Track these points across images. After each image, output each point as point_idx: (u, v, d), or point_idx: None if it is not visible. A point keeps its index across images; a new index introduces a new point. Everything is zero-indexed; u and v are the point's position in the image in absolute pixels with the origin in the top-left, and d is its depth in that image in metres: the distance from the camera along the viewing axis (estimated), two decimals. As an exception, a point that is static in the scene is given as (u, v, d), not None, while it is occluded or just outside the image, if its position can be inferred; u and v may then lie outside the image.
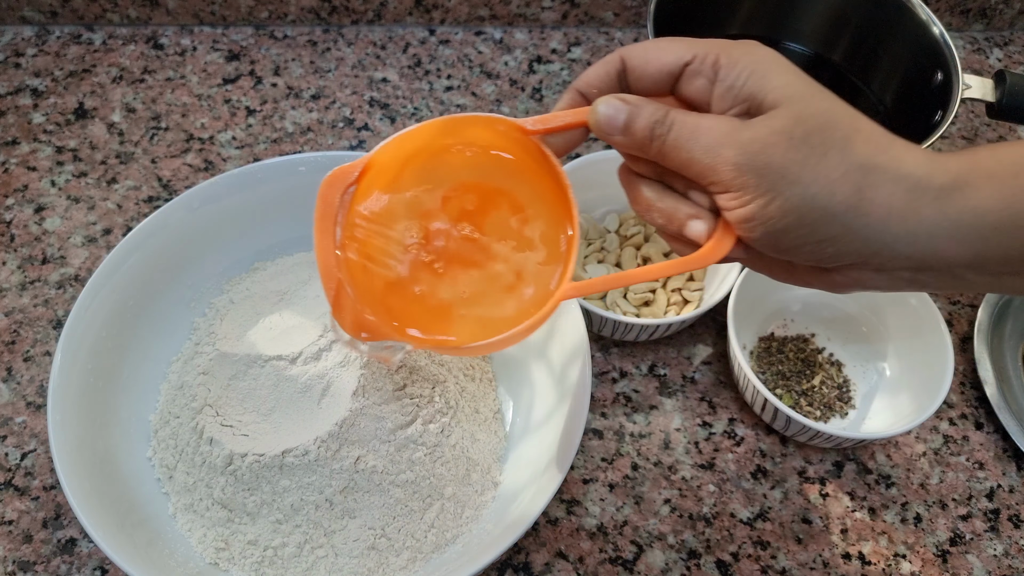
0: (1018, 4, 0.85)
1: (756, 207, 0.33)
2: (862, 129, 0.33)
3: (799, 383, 0.62)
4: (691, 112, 0.34)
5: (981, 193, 0.32)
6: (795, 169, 0.32)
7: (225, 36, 0.79)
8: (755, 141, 0.32)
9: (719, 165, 0.33)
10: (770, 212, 0.32)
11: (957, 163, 0.33)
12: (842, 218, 0.32)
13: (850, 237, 0.33)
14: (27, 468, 0.55)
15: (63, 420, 0.46)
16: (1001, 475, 0.60)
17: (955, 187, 0.32)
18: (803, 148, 0.32)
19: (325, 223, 0.38)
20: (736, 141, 0.33)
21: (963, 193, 0.32)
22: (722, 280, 0.61)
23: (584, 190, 0.66)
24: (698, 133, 0.33)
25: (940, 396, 0.55)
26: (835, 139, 0.32)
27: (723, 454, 0.59)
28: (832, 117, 0.33)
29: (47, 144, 0.71)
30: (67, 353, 0.47)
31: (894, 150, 0.33)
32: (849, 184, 0.32)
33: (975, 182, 0.33)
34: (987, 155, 0.34)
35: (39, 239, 0.65)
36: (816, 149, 0.32)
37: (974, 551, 0.57)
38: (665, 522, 0.56)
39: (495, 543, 0.45)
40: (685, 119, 0.34)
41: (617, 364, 0.63)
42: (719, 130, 0.33)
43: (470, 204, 0.40)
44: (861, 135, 0.33)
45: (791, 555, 0.55)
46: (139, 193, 0.68)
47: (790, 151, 0.32)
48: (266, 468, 0.47)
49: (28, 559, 0.52)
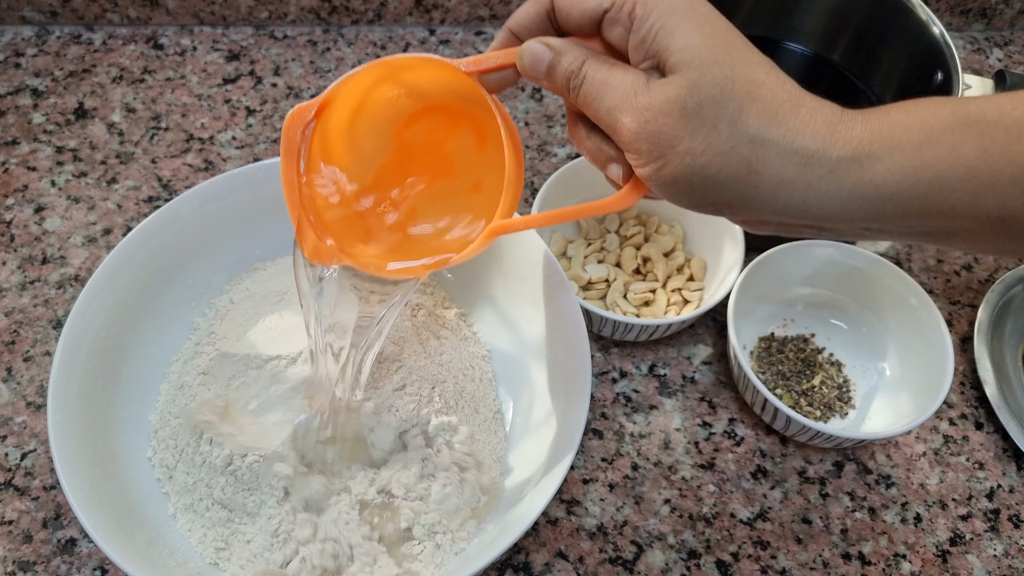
0: (1018, 4, 0.85)
1: (651, 170, 0.34)
2: (760, 98, 0.33)
3: (799, 383, 0.62)
4: (605, 64, 0.35)
5: (881, 165, 0.32)
6: (685, 140, 0.32)
7: (225, 36, 0.79)
8: (649, 109, 0.33)
9: (618, 128, 0.34)
10: (663, 176, 0.34)
11: (864, 128, 0.33)
12: (732, 186, 0.33)
13: (743, 203, 0.34)
14: (27, 468, 0.55)
15: (63, 420, 0.46)
16: (1001, 475, 0.60)
17: (854, 159, 0.32)
18: (694, 120, 0.32)
19: (289, 157, 0.41)
20: (633, 107, 0.33)
21: (861, 165, 0.32)
22: (722, 280, 0.61)
23: (584, 190, 0.66)
24: (604, 91, 0.34)
25: (940, 396, 0.55)
26: (727, 111, 0.32)
27: (723, 454, 0.59)
28: (728, 87, 0.32)
29: (47, 144, 0.71)
30: (67, 353, 0.47)
31: (792, 121, 0.33)
32: (737, 157, 0.32)
33: (877, 153, 0.32)
34: (900, 117, 0.33)
35: (39, 239, 0.65)
36: (706, 121, 0.32)
37: (974, 551, 0.57)
38: (665, 522, 0.56)
39: (495, 543, 0.45)
40: (596, 74, 0.35)
41: (617, 364, 0.63)
42: (622, 91, 0.34)
43: (420, 142, 0.43)
44: (757, 105, 0.32)
45: (791, 555, 0.55)
46: (139, 193, 0.68)
47: (681, 121, 0.32)
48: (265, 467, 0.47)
49: (28, 559, 0.52)
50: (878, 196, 0.33)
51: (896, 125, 0.33)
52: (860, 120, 0.33)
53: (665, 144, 0.33)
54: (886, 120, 0.33)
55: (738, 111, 0.32)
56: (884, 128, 0.33)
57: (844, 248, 0.62)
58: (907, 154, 0.32)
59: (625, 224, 0.67)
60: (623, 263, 0.65)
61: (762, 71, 0.33)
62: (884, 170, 0.32)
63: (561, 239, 0.66)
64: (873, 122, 0.33)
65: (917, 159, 0.32)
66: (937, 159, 0.32)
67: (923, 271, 0.69)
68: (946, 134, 0.32)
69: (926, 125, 0.32)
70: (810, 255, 0.63)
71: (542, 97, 0.77)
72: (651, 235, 0.67)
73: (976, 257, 0.70)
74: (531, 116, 0.75)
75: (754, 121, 0.32)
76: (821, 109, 0.33)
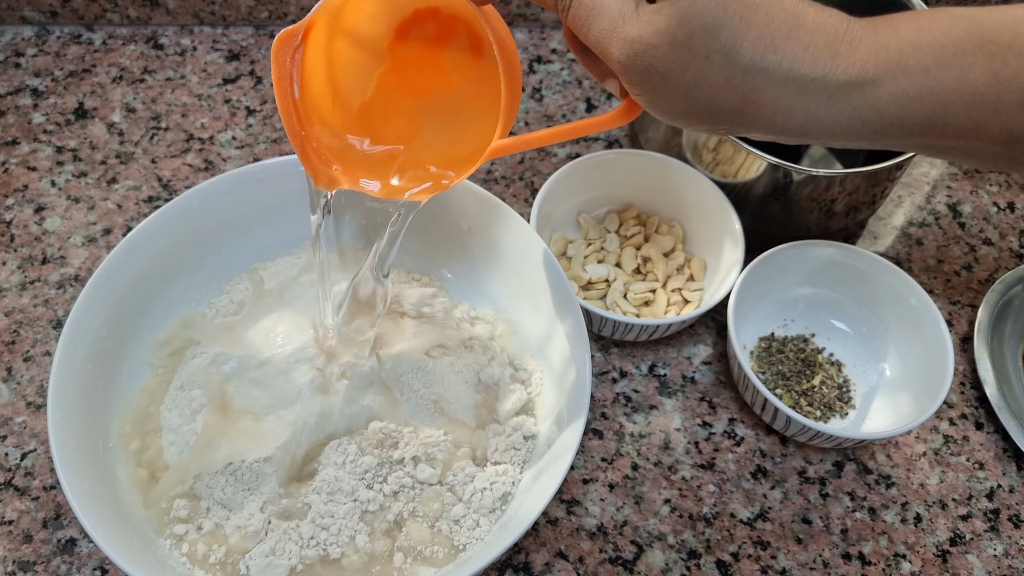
0: (1018, 4, 0.85)
1: (644, 99, 0.33)
2: (755, 24, 0.31)
3: (799, 383, 0.62)
4: None
5: (884, 90, 0.31)
6: (676, 72, 0.31)
7: (225, 36, 0.79)
8: (637, 41, 0.31)
9: (608, 57, 0.32)
10: (658, 105, 0.33)
11: (869, 49, 0.31)
12: (728, 115, 0.32)
13: (739, 125, 0.33)
14: (27, 468, 0.55)
15: (63, 420, 0.46)
16: (1001, 475, 0.60)
17: (855, 83, 0.31)
18: (685, 52, 0.31)
19: (282, 84, 0.40)
20: (622, 37, 0.31)
21: (862, 90, 0.31)
22: (722, 280, 0.61)
23: (584, 190, 0.66)
24: (592, 16, 0.32)
25: (940, 396, 0.55)
26: (720, 42, 0.31)
27: (723, 454, 0.59)
28: (720, 15, 0.30)
29: (47, 144, 0.71)
30: (67, 353, 0.47)
31: (790, 46, 0.31)
32: (732, 89, 0.31)
33: (880, 77, 0.31)
34: (910, 36, 0.31)
35: (39, 239, 0.65)
36: (698, 53, 0.31)
37: (974, 551, 0.57)
38: (665, 522, 0.56)
39: (495, 543, 0.45)
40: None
41: (617, 364, 0.63)
42: (610, 17, 0.32)
43: (414, 56, 0.42)
44: (752, 32, 0.31)
45: (791, 555, 0.55)
46: (139, 193, 0.68)
47: (671, 54, 0.31)
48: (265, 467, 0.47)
49: (28, 559, 0.52)
50: (879, 120, 0.32)
51: (905, 45, 0.31)
52: (866, 37, 0.31)
53: (656, 77, 0.31)
54: (894, 38, 0.31)
55: (731, 40, 0.31)
56: (891, 48, 0.31)
57: (844, 248, 0.62)
58: (912, 79, 0.31)
59: (625, 224, 0.67)
60: (623, 263, 0.65)
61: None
62: (886, 95, 0.31)
63: (561, 239, 0.66)
64: (880, 39, 0.31)
65: (922, 83, 0.31)
66: (943, 84, 0.31)
67: (923, 271, 0.69)
68: (957, 56, 0.31)
69: (937, 45, 0.31)
70: (810, 255, 0.63)
71: (542, 97, 0.77)
72: (651, 235, 0.67)
73: (976, 257, 0.70)
74: (531, 116, 0.75)
75: (748, 50, 0.31)
76: (823, 27, 0.31)
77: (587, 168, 0.64)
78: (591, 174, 0.65)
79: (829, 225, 0.66)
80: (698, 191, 0.63)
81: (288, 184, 0.56)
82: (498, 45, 0.36)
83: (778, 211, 0.64)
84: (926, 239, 0.71)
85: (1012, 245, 0.71)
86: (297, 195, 0.56)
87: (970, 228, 0.72)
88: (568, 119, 0.75)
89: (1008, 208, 0.74)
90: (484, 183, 0.71)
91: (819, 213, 0.64)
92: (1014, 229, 0.73)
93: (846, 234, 0.71)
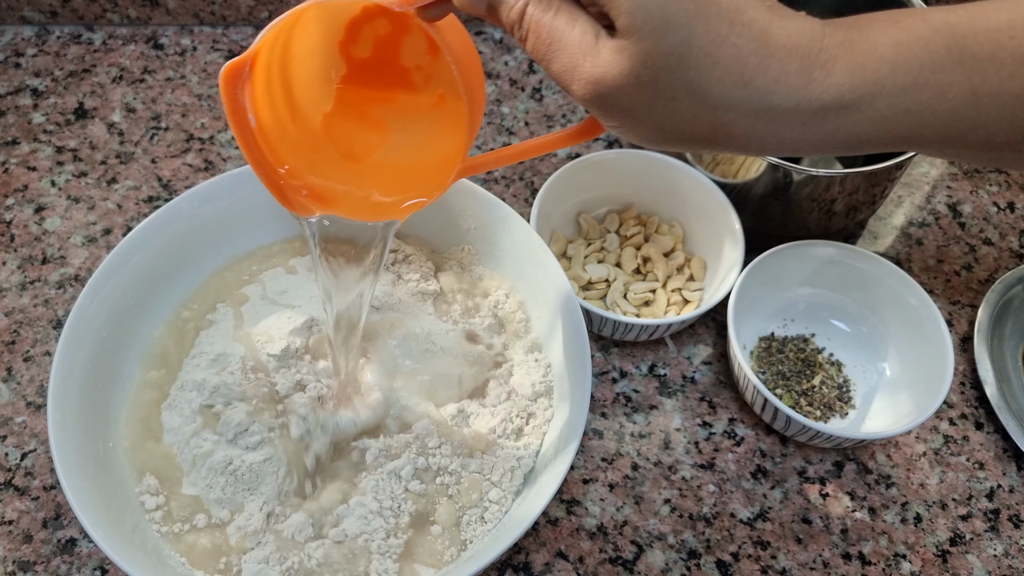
0: (1018, 4, 0.85)
1: (611, 128, 0.33)
2: (721, 59, 0.29)
3: (799, 383, 0.62)
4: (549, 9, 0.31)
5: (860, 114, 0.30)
6: (643, 110, 0.31)
7: (225, 36, 0.79)
8: (601, 83, 0.30)
9: (570, 93, 0.31)
10: (625, 134, 0.32)
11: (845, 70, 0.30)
12: (699, 143, 0.32)
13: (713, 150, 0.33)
14: (27, 468, 0.55)
15: (63, 420, 0.46)
16: (1001, 475, 0.60)
17: (833, 108, 0.30)
18: (650, 92, 0.30)
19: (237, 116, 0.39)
20: (583, 77, 0.30)
21: (837, 115, 0.31)
22: (722, 280, 0.61)
23: (584, 190, 0.66)
24: (551, 51, 0.31)
25: (940, 396, 0.55)
26: (685, 80, 0.30)
27: (723, 454, 0.59)
28: (684, 53, 0.29)
29: (47, 144, 0.71)
30: (67, 353, 0.47)
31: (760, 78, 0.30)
32: (702, 124, 0.31)
33: (857, 101, 0.30)
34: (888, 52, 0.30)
35: (39, 239, 0.65)
36: (664, 93, 0.30)
37: (974, 551, 0.57)
38: (665, 522, 0.56)
39: (495, 543, 0.45)
40: (540, 26, 0.31)
41: (617, 364, 0.63)
42: (570, 52, 0.31)
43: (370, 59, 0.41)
44: (719, 68, 0.29)
45: (791, 555, 0.55)
46: (139, 193, 0.68)
47: (636, 94, 0.30)
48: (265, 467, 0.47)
49: (28, 559, 0.52)
50: (854, 140, 0.31)
51: (882, 64, 0.30)
52: (841, 56, 0.30)
53: (622, 113, 0.31)
54: (871, 56, 0.30)
55: (698, 79, 0.30)
56: (868, 68, 0.30)
57: (844, 248, 0.62)
58: (890, 100, 0.30)
59: (625, 224, 0.67)
60: (623, 263, 0.65)
61: (724, 23, 0.29)
62: (863, 118, 0.31)
63: (561, 239, 0.66)
64: (856, 58, 0.30)
65: (900, 104, 0.30)
66: (921, 103, 0.30)
67: (923, 271, 0.69)
68: (935, 75, 0.30)
69: (916, 64, 0.30)
70: (810, 255, 0.63)
71: (542, 97, 0.77)
72: (651, 235, 0.67)
73: (976, 257, 0.70)
74: (531, 116, 0.75)
75: (717, 87, 0.30)
76: (796, 51, 0.30)
77: (587, 168, 0.64)
78: (591, 174, 0.65)
79: (829, 225, 0.66)
80: (698, 191, 0.63)
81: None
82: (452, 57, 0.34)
83: (778, 211, 0.64)
84: (926, 239, 0.71)
85: (1012, 245, 0.71)
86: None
87: (970, 228, 0.72)
88: (569, 120, 0.75)
89: (1008, 208, 0.74)
90: (484, 183, 0.71)
91: (819, 213, 0.64)
92: (1014, 229, 0.73)
93: (846, 234, 0.71)
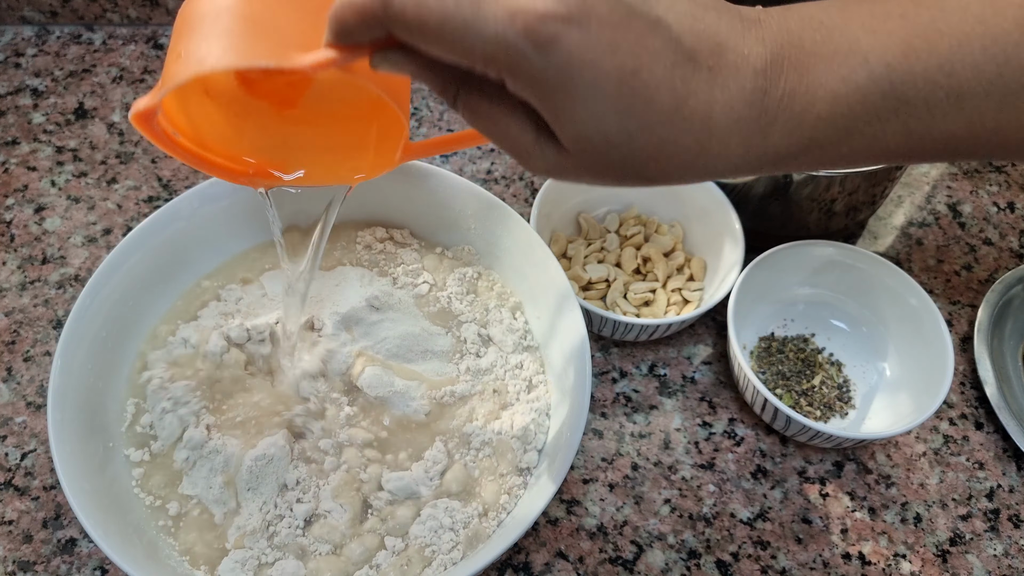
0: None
1: None
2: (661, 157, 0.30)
3: (799, 383, 0.62)
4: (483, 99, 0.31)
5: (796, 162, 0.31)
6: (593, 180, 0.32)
7: (225, 36, 0.79)
8: (548, 172, 0.31)
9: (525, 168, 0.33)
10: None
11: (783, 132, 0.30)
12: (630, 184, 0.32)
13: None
14: (27, 468, 0.55)
15: (63, 420, 0.46)
16: (1001, 475, 0.60)
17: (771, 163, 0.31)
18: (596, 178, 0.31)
19: (168, 143, 0.38)
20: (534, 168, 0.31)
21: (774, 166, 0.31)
22: (722, 280, 0.61)
23: (584, 190, 0.66)
24: (494, 136, 0.31)
25: (940, 396, 0.55)
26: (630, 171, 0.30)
27: (723, 454, 0.59)
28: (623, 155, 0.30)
29: (47, 144, 0.71)
30: (67, 353, 0.47)
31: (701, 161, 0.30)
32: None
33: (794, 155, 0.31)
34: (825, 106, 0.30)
35: (39, 239, 0.65)
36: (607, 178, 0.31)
37: (974, 551, 0.57)
38: (665, 522, 0.56)
39: (495, 543, 0.45)
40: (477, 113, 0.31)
41: (617, 364, 0.63)
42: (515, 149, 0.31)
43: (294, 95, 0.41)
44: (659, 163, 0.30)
45: (791, 555, 0.55)
46: (139, 193, 0.68)
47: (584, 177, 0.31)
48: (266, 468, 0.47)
49: (28, 559, 0.52)
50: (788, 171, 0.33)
51: (819, 121, 0.30)
52: (780, 117, 0.30)
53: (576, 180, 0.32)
54: (808, 115, 0.30)
55: (643, 168, 0.30)
56: (805, 127, 0.30)
57: (844, 248, 0.62)
58: (825, 150, 0.31)
59: (625, 224, 0.67)
60: (623, 263, 0.65)
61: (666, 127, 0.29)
62: (797, 164, 0.32)
63: (561, 239, 0.66)
64: (793, 118, 0.30)
65: (835, 152, 0.31)
66: (856, 149, 0.31)
67: (923, 271, 0.69)
68: (870, 125, 0.30)
69: (851, 116, 0.30)
70: (810, 255, 0.63)
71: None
72: (651, 235, 0.67)
73: (976, 257, 0.70)
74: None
75: (656, 174, 0.31)
76: (736, 127, 0.30)
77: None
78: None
79: (829, 225, 0.66)
80: (698, 191, 0.63)
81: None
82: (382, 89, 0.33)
83: (778, 211, 0.64)
84: (926, 239, 0.71)
85: (1012, 245, 0.71)
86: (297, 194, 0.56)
87: (970, 228, 0.72)
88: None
89: (1008, 208, 0.74)
90: (484, 183, 0.71)
91: (819, 213, 0.64)
92: (1014, 229, 0.73)
93: (846, 234, 0.71)
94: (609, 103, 0.28)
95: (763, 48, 0.30)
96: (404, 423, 0.50)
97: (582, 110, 0.28)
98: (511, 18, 0.27)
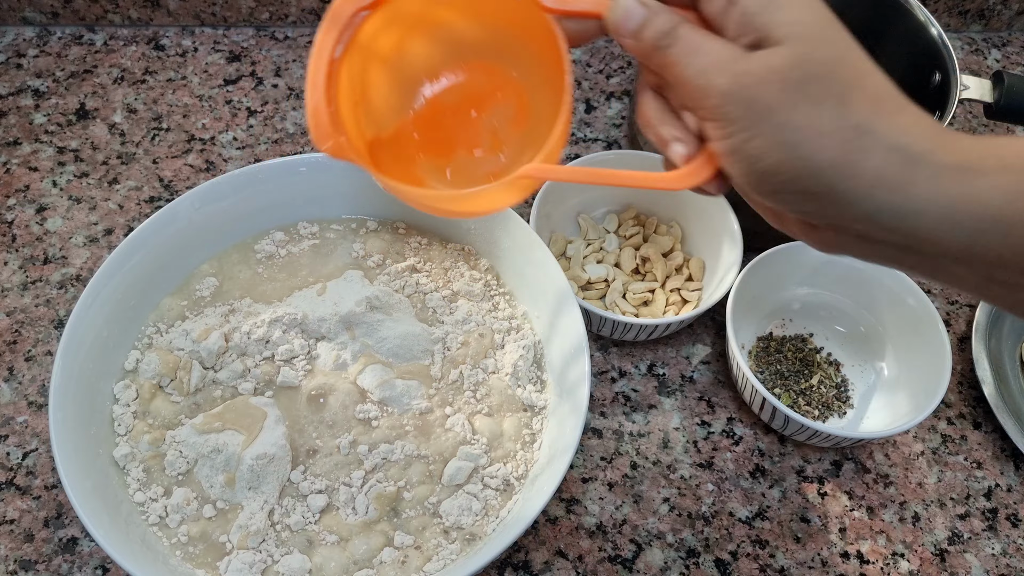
0: (1016, 5, 0.85)
1: (738, 140, 0.31)
2: (868, 87, 0.31)
3: (797, 382, 0.62)
4: (700, 31, 0.33)
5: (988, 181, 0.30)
6: (784, 112, 0.30)
7: (226, 37, 0.79)
8: (748, 74, 0.31)
9: (709, 90, 0.31)
10: (750, 149, 0.31)
11: (971, 144, 0.31)
12: (827, 175, 0.30)
13: (833, 197, 0.31)
14: (28, 467, 0.55)
15: (64, 419, 0.46)
16: (999, 474, 0.60)
17: (960, 169, 0.30)
18: (797, 93, 0.30)
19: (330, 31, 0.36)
20: (730, 70, 0.31)
21: (966, 176, 0.30)
22: (721, 280, 0.62)
23: (584, 190, 0.66)
24: (698, 54, 0.32)
25: (938, 396, 0.56)
26: (833, 91, 0.30)
27: (722, 453, 0.59)
28: (837, 67, 0.30)
29: (48, 145, 0.71)
30: (68, 353, 0.48)
31: (900, 117, 0.31)
32: (839, 142, 0.30)
33: (984, 168, 0.30)
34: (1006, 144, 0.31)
35: (41, 239, 0.66)
36: (811, 97, 0.30)
37: (972, 550, 0.57)
38: (664, 521, 0.56)
39: (495, 542, 0.45)
40: (691, 36, 0.32)
41: (616, 364, 0.63)
42: (717, 55, 0.32)
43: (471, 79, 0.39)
44: (865, 93, 0.31)
45: (790, 554, 0.56)
46: (140, 193, 0.69)
47: (783, 92, 0.30)
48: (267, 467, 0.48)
49: (30, 558, 0.52)
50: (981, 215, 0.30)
51: (1004, 148, 0.31)
52: (966, 136, 0.31)
53: (760, 112, 0.30)
54: (993, 142, 0.31)
55: (845, 95, 0.30)
56: (991, 147, 0.31)
57: (842, 248, 0.62)
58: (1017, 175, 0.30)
59: (624, 224, 0.67)
60: (622, 263, 0.65)
61: (867, 63, 0.31)
62: (991, 186, 0.30)
63: (561, 239, 0.66)
64: (980, 141, 0.31)
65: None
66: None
67: (921, 271, 0.70)
68: None
69: None
70: (809, 255, 0.63)
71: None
72: (650, 235, 0.67)
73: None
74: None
75: (860, 108, 0.30)
76: (926, 116, 0.31)
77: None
78: (590, 174, 0.65)
79: (827, 225, 0.66)
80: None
81: (289, 184, 0.56)
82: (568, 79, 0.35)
83: (777, 211, 0.64)
84: (924, 239, 0.71)
85: (1010, 245, 0.72)
86: (298, 195, 0.57)
87: (968, 228, 0.72)
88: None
89: (1006, 208, 0.74)
90: (484, 183, 0.71)
91: (817, 213, 0.64)
92: (1012, 229, 0.73)
93: (845, 234, 0.71)
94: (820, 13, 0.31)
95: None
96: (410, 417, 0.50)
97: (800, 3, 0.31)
98: None
